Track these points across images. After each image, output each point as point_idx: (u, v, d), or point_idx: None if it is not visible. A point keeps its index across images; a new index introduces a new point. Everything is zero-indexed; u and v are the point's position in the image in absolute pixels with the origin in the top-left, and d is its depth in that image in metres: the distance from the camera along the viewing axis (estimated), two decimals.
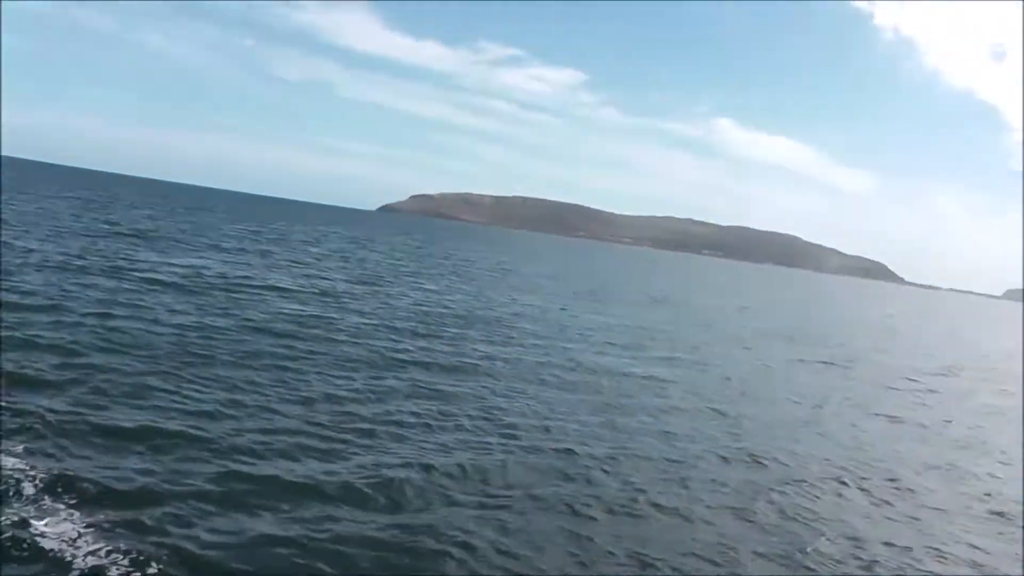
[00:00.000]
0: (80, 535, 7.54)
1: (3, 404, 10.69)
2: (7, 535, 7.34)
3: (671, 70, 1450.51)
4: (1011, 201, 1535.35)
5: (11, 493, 8.19)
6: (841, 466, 14.03)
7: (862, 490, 12.86)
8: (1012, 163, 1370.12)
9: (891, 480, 13.71)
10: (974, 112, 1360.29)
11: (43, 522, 7.69)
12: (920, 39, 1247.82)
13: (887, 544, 10.52)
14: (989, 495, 13.80)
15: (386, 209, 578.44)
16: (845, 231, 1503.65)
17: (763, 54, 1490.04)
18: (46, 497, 8.23)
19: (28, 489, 8.33)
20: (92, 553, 7.26)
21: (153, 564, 7.20)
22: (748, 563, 9.20)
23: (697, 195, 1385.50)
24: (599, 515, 9.99)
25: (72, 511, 8.01)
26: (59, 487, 8.43)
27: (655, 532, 9.75)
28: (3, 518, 7.62)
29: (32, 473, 8.67)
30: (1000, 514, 12.76)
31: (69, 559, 7.13)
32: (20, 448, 9.33)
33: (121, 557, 7.24)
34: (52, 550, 7.22)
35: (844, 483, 13.02)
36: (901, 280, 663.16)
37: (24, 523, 7.58)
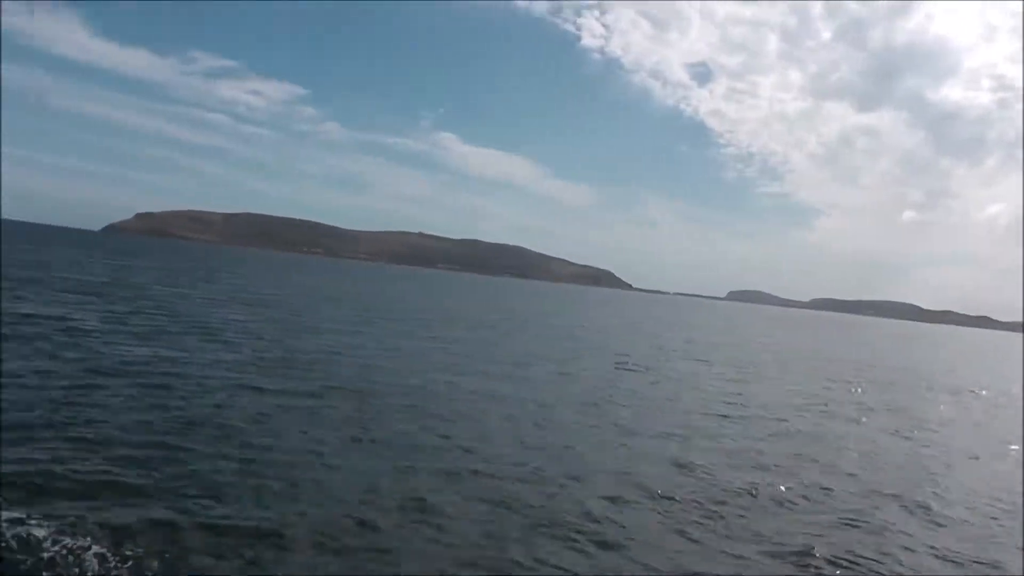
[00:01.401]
0: None
1: None
2: None
3: (392, 85, 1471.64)
4: (725, 210, 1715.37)
5: None
6: None
7: None
8: (724, 174, 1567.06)
9: None
10: (683, 128, 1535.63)
11: None
12: (626, 61, 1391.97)
13: None
14: None
15: (112, 229, 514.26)
16: (571, 242, 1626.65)
17: (480, 73, 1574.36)
18: None
19: None
20: None
21: None
22: None
23: (427, 209, 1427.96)
24: None
25: None
26: None
27: None
28: None
29: None
30: None
31: None
32: None
33: None
34: None
35: None
36: (628, 286, 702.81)
37: None
